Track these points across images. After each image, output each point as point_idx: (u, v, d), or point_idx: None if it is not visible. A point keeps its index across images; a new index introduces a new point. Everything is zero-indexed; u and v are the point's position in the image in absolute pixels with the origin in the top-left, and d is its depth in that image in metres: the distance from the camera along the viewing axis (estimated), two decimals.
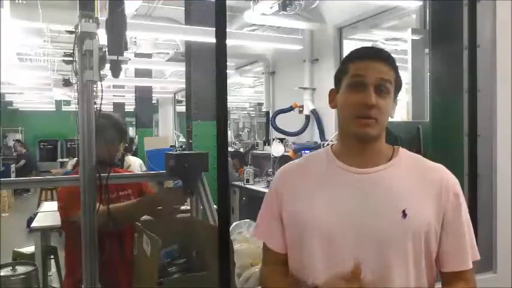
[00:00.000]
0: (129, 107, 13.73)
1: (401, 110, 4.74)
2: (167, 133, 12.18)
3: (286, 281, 1.20)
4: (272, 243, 1.25)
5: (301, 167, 1.27)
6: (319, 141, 6.11)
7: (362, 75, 1.11)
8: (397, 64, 1.17)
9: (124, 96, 13.01)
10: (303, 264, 1.17)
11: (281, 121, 6.55)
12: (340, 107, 1.15)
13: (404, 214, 1.07)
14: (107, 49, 1.93)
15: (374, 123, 1.10)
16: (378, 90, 1.10)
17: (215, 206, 2.31)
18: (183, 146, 7.76)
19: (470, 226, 1.16)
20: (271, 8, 4.89)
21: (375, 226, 1.08)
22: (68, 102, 13.81)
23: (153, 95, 11.23)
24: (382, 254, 1.08)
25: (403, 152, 1.19)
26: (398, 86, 1.16)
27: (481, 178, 1.84)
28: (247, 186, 6.18)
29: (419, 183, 1.13)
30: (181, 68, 7.07)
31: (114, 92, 12.13)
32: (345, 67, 1.15)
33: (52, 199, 7.39)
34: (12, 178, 7.99)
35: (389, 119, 1.18)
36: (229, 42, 1.36)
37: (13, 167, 11.48)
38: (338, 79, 1.18)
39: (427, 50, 3.62)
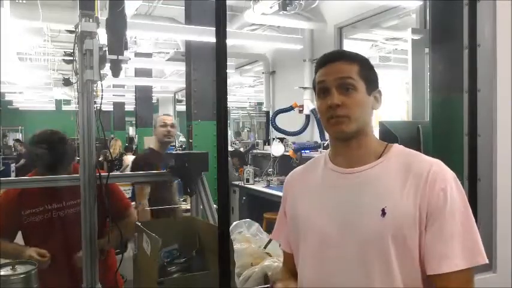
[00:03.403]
0: (129, 107, 13.75)
1: (401, 110, 4.75)
2: None
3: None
4: (283, 244, 1.33)
5: (304, 170, 1.31)
6: (319, 140, 6.11)
7: (323, 81, 1.15)
8: (365, 59, 1.18)
9: (124, 95, 13.04)
10: (298, 263, 1.23)
11: (281, 121, 6.54)
12: (318, 114, 1.20)
13: (383, 213, 1.05)
14: (107, 48, 1.94)
15: (347, 121, 1.11)
16: (342, 90, 1.12)
17: (215, 206, 2.31)
18: (183, 146, 7.77)
19: (470, 226, 1.05)
20: (271, 7, 4.89)
21: (356, 225, 1.09)
22: (68, 102, 13.85)
23: (153, 95, 11.24)
24: (363, 253, 1.07)
25: (396, 148, 1.17)
26: (368, 77, 1.15)
27: (481, 178, 1.84)
28: (247, 185, 6.18)
29: (404, 180, 1.08)
30: (181, 67, 7.08)
31: (114, 92, 12.15)
32: (315, 77, 1.20)
33: None
34: (12, 177, 7.99)
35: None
36: (229, 41, 1.36)
37: (13, 166, 11.47)
38: (314, 90, 1.22)
39: (427, 50, 3.61)
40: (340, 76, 1.12)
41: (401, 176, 1.09)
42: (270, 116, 7.12)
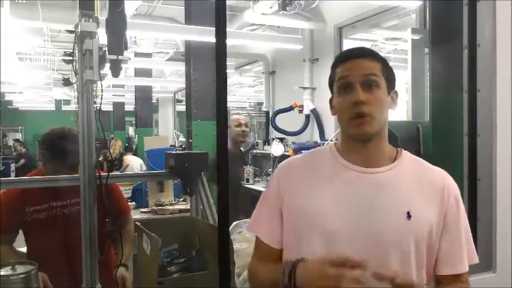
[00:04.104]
0: (129, 107, 13.74)
1: (401, 110, 4.75)
2: (167, 133, 12.19)
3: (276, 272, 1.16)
4: (268, 238, 1.22)
5: (305, 162, 1.25)
6: (319, 140, 6.11)
7: (347, 76, 1.12)
8: (385, 58, 1.18)
9: (124, 95, 13.03)
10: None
11: (281, 121, 6.54)
12: (336, 111, 1.17)
13: (408, 215, 1.08)
14: (106, 48, 1.93)
15: (370, 120, 1.09)
16: (366, 87, 1.10)
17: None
18: (183, 146, 7.76)
19: (469, 230, 1.18)
20: (271, 7, 4.89)
21: (378, 226, 1.08)
22: (67, 102, 13.84)
23: (153, 95, 11.23)
24: (384, 253, 1.08)
25: (406, 154, 1.20)
26: (388, 76, 1.15)
27: (481, 178, 1.84)
28: (247, 185, 6.17)
29: (422, 185, 1.13)
30: (181, 67, 7.08)
31: (114, 92, 12.14)
32: (333, 73, 1.18)
33: None
34: (12, 177, 8.00)
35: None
36: (229, 41, 1.36)
37: (13, 166, 11.48)
38: (330, 86, 1.20)
39: (427, 50, 3.61)
40: (365, 73, 1.11)
41: (416, 183, 1.14)
42: (270, 116, 7.13)
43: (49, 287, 1.86)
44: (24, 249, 2.17)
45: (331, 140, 4.83)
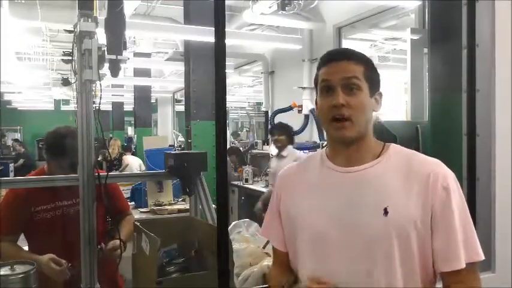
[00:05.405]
0: (128, 107, 13.75)
1: (400, 110, 4.75)
2: (166, 132, 12.18)
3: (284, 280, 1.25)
4: (275, 242, 1.30)
5: (300, 168, 1.30)
6: (318, 140, 6.11)
7: (328, 79, 1.13)
8: (369, 59, 1.18)
9: (123, 95, 13.04)
10: (296, 261, 1.22)
11: (280, 120, 6.54)
12: (318, 112, 1.18)
13: (385, 212, 1.07)
14: (105, 48, 1.93)
15: (349, 125, 1.10)
16: (346, 90, 1.11)
17: (214, 206, 2.30)
18: (182, 146, 7.76)
19: (468, 224, 1.10)
20: (270, 7, 4.90)
21: (358, 224, 1.09)
22: (66, 102, 13.85)
23: (152, 95, 11.24)
24: (367, 251, 1.08)
25: (394, 148, 1.18)
26: (371, 78, 1.15)
27: (480, 178, 1.84)
28: (246, 185, 6.17)
29: (405, 179, 1.10)
30: (180, 67, 7.08)
31: (113, 92, 12.15)
32: (317, 75, 1.19)
33: None
34: (11, 177, 7.98)
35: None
36: (228, 41, 1.37)
37: (12, 166, 11.46)
38: (315, 88, 1.21)
39: (426, 50, 3.61)
40: (347, 76, 1.11)
41: (402, 176, 1.11)
42: (269, 116, 7.13)
43: (60, 261, 1.90)
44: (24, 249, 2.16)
45: None
